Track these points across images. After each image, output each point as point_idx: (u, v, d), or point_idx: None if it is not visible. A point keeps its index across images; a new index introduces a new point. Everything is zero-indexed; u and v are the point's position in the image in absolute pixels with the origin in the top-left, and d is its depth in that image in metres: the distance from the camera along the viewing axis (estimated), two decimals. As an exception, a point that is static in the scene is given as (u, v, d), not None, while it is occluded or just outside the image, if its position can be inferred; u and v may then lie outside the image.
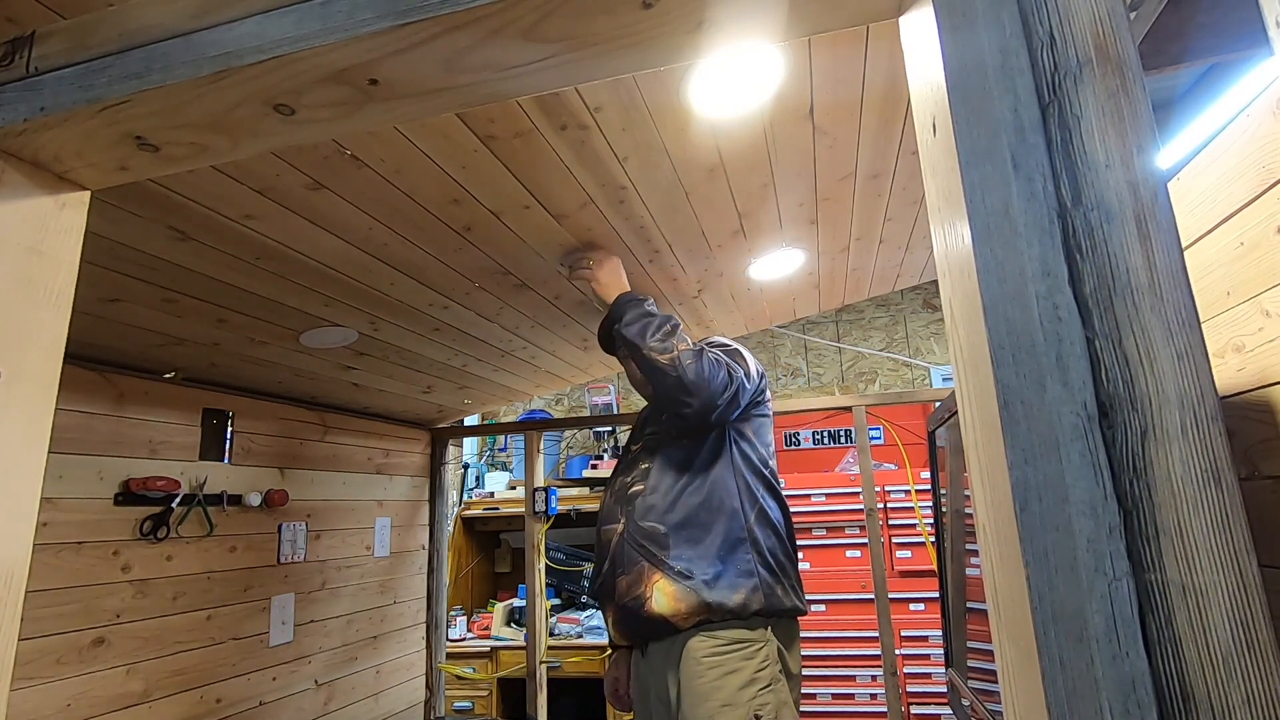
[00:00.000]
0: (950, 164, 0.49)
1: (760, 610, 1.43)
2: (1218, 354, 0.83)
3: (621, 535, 1.53)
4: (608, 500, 1.64)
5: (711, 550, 1.46)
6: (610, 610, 1.55)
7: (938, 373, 4.38)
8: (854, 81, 1.09)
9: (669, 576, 1.44)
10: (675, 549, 1.46)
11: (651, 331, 1.47)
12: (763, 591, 1.44)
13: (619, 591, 1.50)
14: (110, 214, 1.15)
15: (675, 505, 1.50)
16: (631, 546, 1.50)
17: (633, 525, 1.52)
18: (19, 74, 0.67)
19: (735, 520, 1.49)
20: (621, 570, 1.50)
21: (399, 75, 0.63)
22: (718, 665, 1.39)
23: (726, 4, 0.56)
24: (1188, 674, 0.39)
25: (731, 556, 1.46)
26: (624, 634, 1.54)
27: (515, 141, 1.12)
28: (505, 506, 4.07)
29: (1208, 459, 0.41)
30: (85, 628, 1.70)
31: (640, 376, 1.52)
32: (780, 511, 1.58)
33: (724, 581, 1.43)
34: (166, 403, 1.96)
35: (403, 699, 2.84)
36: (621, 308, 1.51)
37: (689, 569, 1.44)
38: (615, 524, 1.56)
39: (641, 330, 1.47)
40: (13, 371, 0.69)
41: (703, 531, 1.48)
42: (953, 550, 2.21)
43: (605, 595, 1.56)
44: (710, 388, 1.45)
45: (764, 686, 1.38)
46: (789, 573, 1.52)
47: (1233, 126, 0.78)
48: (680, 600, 1.41)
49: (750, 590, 1.43)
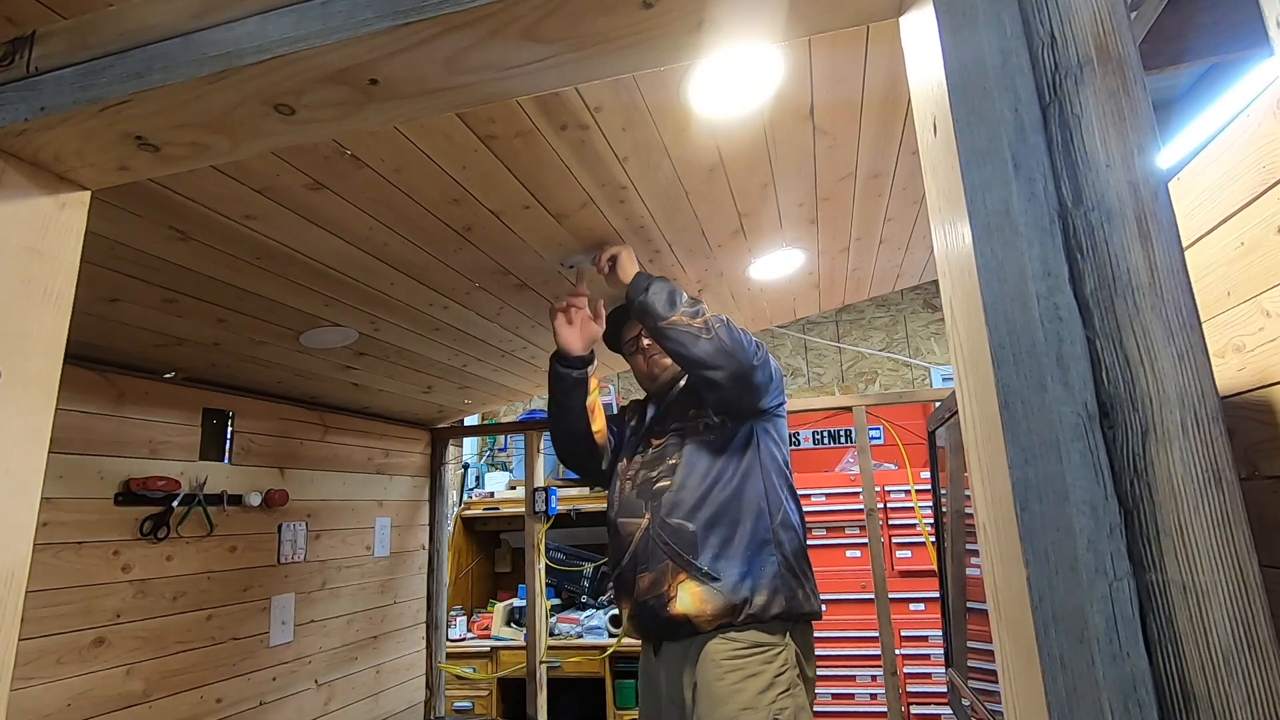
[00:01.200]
0: (951, 164, 0.48)
1: (781, 614, 1.42)
2: (1218, 354, 0.83)
3: (646, 531, 1.51)
4: (627, 491, 1.60)
5: (739, 551, 1.44)
6: (627, 605, 1.53)
7: (938, 373, 4.38)
8: (854, 81, 1.09)
9: (695, 578, 1.42)
10: (703, 549, 1.44)
11: (680, 299, 1.46)
12: (784, 595, 1.43)
13: (639, 588, 1.48)
14: (110, 214, 1.15)
15: (704, 502, 1.48)
16: (657, 543, 1.48)
17: (658, 521, 1.49)
18: (19, 74, 0.67)
19: (761, 521, 1.48)
20: (644, 567, 1.48)
21: (399, 75, 0.63)
22: (738, 669, 1.38)
23: (726, 4, 0.56)
24: (1188, 673, 0.39)
25: (758, 558, 1.44)
26: (641, 630, 1.53)
27: (515, 141, 1.12)
28: (505, 506, 4.07)
29: (1208, 459, 0.41)
30: (85, 628, 1.70)
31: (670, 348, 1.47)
32: (799, 515, 1.56)
33: (749, 583, 1.42)
34: (166, 403, 1.96)
35: (403, 699, 2.84)
36: (645, 279, 1.48)
37: (716, 570, 1.42)
38: (638, 518, 1.54)
39: (670, 298, 1.45)
40: (13, 371, 0.69)
41: (730, 530, 1.46)
42: (953, 550, 2.21)
43: (623, 589, 1.54)
44: (745, 351, 1.44)
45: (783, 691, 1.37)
46: (809, 576, 1.51)
47: (1233, 126, 0.78)
48: (706, 602, 1.40)
49: (772, 593, 1.42)
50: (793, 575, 1.46)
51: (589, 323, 1.60)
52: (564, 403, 1.59)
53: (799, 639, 1.46)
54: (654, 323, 1.46)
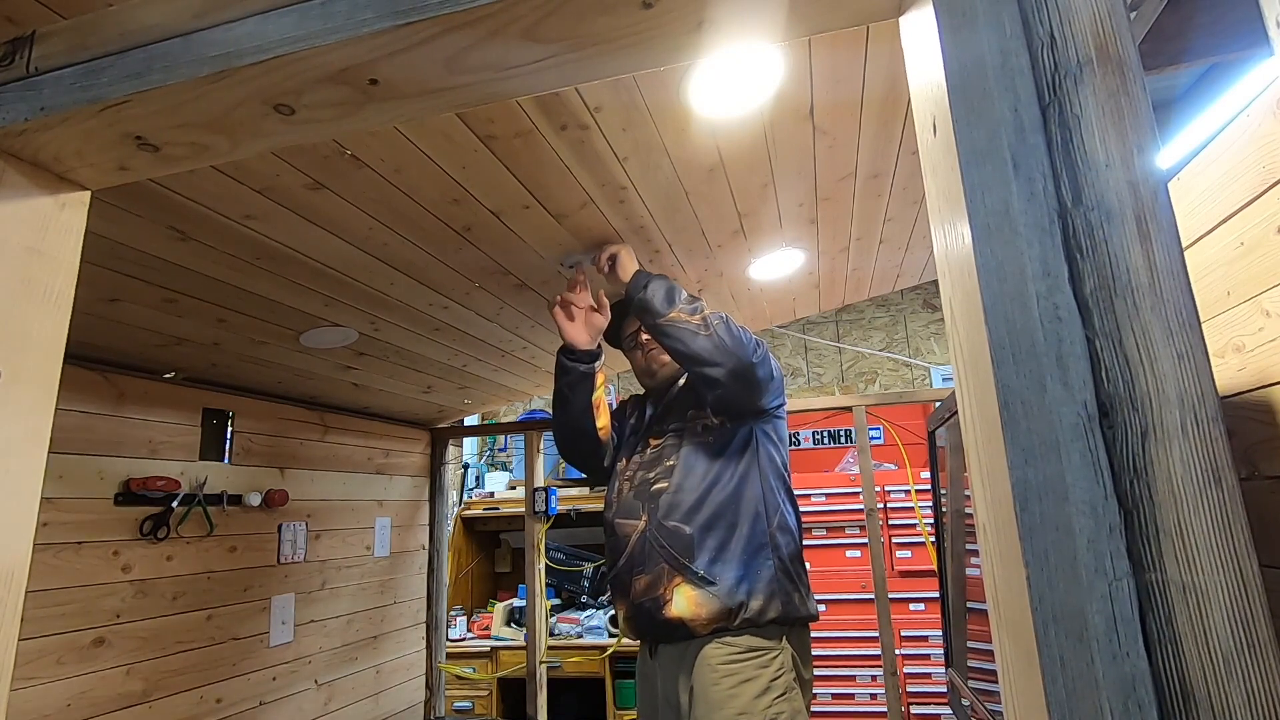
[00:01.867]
0: (950, 164, 0.48)
1: (777, 618, 1.41)
2: (1218, 354, 0.83)
3: (643, 533, 1.50)
4: (625, 492, 1.60)
5: (735, 554, 1.44)
6: (623, 606, 1.53)
7: (938, 373, 4.38)
8: (854, 81, 1.09)
9: (691, 581, 1.42)
10: (700, 553, 1.43)
11: (679, 295, 1.46)
12: (780, 599, 1.42)
13: (635, 590, 1.48)
14: (110, 214, 1.15)
15: (701, 505, 1.47)
16: (654, 546, 1.47)
17: (655, 524, 1.49)
18: (19, 74, 0.67)
19: (759, 524, 1.47)
20: (640, 569, 1.48)
21: (399, 75, 0.63)
22: (734, 673, 1.38)
23: (726, 4, 0.56)
24: (1188, 673, 0.39)
25: (754, 562, 1.44)
26: (636, 632, 1.53)
27: (515, 141, 1.12)
28: (505, 506, 4.07)
29: (1208, 459, 0.41)
30: (85, 628, 1.70)
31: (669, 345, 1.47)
32: (796, 518, 1.56)
33: (745, 587, 1.41)
34: (166, 403, 1.96)
35: (403, 699, 2.84)
36: (644, 277, 1.49)
37: (712, 574, 1.42)
38: (635, 519, 1.53)
39: (668, 295, 1.45)
40: (13, 371, 0.69)
41: (727, 533, 1.45)
42: (953, 550, 2.21)
43: (619, 591, 1.54)
44: (744, 348, 1.43)
45: (779, 695, 1.37)
46: (804, 580, 1.51)
47: (1233, 126, 0.78)
48: (701, 605, 1.40)
49: (768, 597, 1.41)
50: (789, 579, 1.46)
51: (593, 315, 1.60)
52: (569, 397, 1.59)
53: (795, 642, 1.46)
54: (653, 319, 1.46)
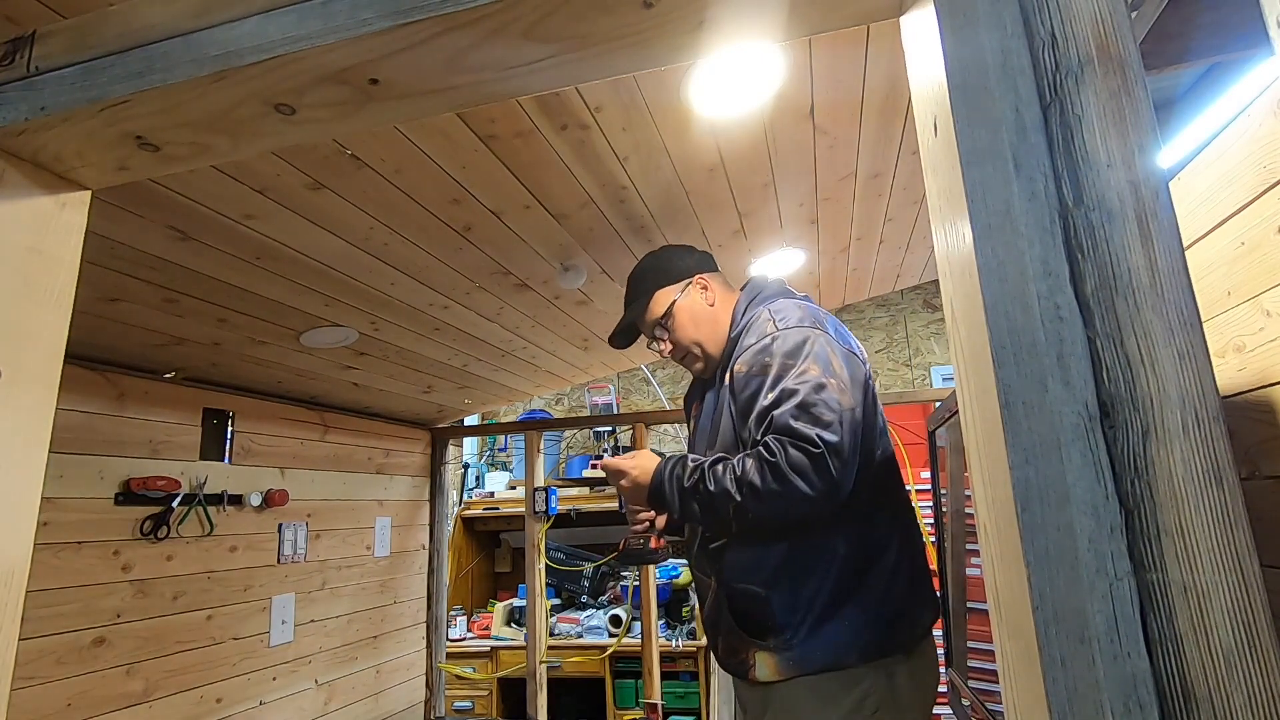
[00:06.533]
0: (951, 163, 0.48)
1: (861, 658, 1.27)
2: (1218, 354, 0.83)
3: (716, 596, 1.38)
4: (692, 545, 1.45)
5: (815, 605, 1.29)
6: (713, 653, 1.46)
7: (938, 373, 4.38)
8: (854, 81, 1.09)
9: (768, 651, 1.30)
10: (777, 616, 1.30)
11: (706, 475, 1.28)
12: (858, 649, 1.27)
13: (720, 649, 1.40)
14: (110, 214, 1.15)
15: (764, 559, 1.31)
16: (729, 612, 1.35)
17: (726, 589, 1.35)
18: (19, 74, 0.67)
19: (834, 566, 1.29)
20: (719, 633, 1.38)
21: (399, 75, 0.63)
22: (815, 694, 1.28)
23: (727, 4, 0.56)
24: (1189, 673, 0.39)
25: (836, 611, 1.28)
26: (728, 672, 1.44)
27: (516, 141, 1.12)
28: (505, 506, 4.07)
29: (1209, 459, 0.41)
30: (85, 628, 1.70)
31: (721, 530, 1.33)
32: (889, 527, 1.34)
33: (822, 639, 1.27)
34: (167, 402, 1.96)
35: (403, 699, 2.84)
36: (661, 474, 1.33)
37: (789, 639, 1.28)
38: (707, 578, 1.41)
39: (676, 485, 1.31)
40: (13, 371, 0.69)
41: (801, 583, 1.29)
42: (953, 550, 2.21)
43: (708, 635, 1.45)
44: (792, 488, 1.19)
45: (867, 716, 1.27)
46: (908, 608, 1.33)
47: (1233, 126, 0.78)
48: (782, 669, 1.29)
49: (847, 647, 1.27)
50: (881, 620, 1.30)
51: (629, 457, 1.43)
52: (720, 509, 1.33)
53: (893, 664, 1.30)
54: (696, 508, 1.31)
